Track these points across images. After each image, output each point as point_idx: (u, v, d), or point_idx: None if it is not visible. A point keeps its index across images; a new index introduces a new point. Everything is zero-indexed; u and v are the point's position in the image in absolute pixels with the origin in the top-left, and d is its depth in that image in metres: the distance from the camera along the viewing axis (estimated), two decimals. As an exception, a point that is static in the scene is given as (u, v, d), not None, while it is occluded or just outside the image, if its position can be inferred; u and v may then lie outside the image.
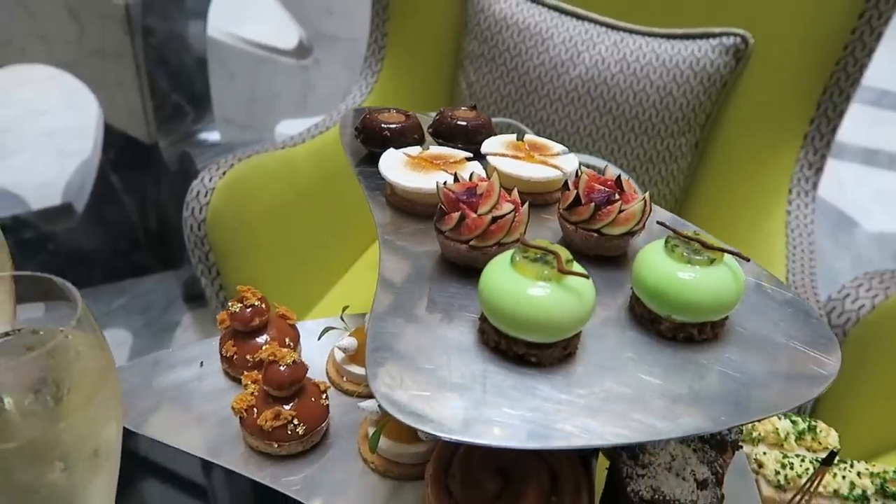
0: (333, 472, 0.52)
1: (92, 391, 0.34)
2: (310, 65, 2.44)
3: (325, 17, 2.40)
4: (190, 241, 1.10)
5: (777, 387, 0.40)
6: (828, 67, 1.17)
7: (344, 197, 1.31)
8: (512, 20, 1.35)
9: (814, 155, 1.22)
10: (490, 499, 0.42)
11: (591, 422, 0.37)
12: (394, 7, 1.45)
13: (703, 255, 0.42)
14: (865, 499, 0.55)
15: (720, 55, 1.26)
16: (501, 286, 0.39)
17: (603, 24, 1.33)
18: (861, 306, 0.94)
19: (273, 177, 1.20)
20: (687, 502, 0.41)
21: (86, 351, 0.34)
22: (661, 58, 1.28)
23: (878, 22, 1.11)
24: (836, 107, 1.19)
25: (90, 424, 0.34)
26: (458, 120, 0.61)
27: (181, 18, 1.87)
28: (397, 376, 0.38)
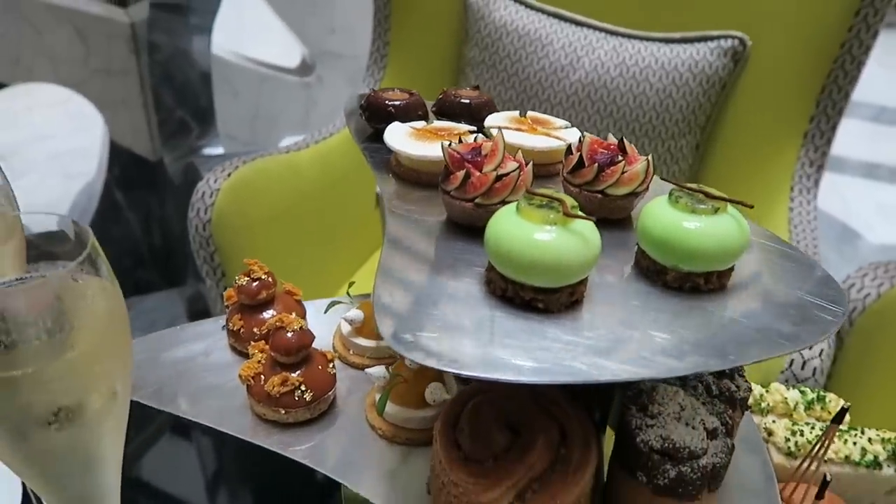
0: (341, 440, 0.51)
1: (101, 328, 0.34)
2: (312, 82, 2.46)
3: (327, 34, 2.43)
4: (195, 241, 1.11)
5: (786, 329, 0.40)
6: (826, 66, 1.18)
7: (348, 203, 1.32)
8: (512, 27, 1.37)
9: (814, 153, 1.23)
10: (499, 451, 0.42)
11: (601, 360, 0.37)
12: (395, 17, 1.48)
13: (707, 205, 0.42)
14: (877, 464, 0.55)
15: (718, 57, 1.27)
16: (508, 231, 0.39)
17: (602, 30, 1.35)
18: (867, 295, 0.94)
19: (277, 180, 1.21)
20: (697, 450, 0.41)
21: (94, 290, 0.34)
22: (659, 61, 1.29)
23: (874, 19, 1.12)
24: (835, 104, 1.20)
25: (99, 361, 0.34)
26: (461, 98, 0.62)
27: (186, 34, 1.90)
28: (405, 320, 0.38)
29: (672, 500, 0.43)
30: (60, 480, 0.36)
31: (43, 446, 0.33)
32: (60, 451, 0.34)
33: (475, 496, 0.41)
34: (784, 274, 0.46)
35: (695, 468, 0.41)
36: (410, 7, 1.44)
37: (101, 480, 0.38)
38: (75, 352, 0.32)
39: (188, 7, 1.84)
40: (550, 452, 0.42)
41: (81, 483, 0.37)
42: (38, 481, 0.36)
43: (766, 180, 1.25)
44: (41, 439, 0.33)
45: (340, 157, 1.33)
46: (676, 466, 0.41)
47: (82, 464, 0.36)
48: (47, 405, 0.32)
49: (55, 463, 0.35)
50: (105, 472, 0.38)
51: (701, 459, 0.41)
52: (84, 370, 0.33)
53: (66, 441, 0.34)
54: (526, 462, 0.41)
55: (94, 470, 0.37)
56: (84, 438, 0.35)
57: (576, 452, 0.42)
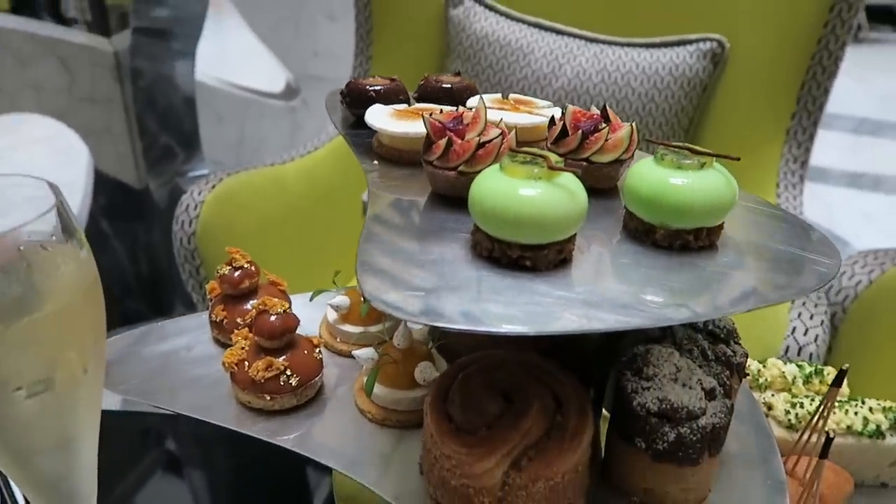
0: (330, 426, 0.50)
1: (68, 292, 0.33)
2: (297, 105, 2.47)
3: (311, 58, 2.44)
4: (180, 255, 1.09)
5: (780, 280, 0.39)
6: (804, 62, 1.19)
7: (335, 214, 1.31)
8: (493, 37, 1.38)
9: (798, 148, 1.24)
10: (491, 419, 0.41)
11: (593, 311, 0.36)
12: (377, 33, 1.48)
13: (693, 160, 0.41)
14: (880, 433, 0.53)
15: (698, 60, 1.28)
16: (492, 189, 0.39)
17: (582, 38, 1.36)
18: (858, 282, 0.93)
19: (263, 192, 1.20)
20: (696, 409, 0.40)
21: (64, 256, 0.33)
22: (640, 66, 1.30)
23: (847, 14, 1.14)
24: (815, 100, 1.21)
25: (67, 327, 0.32)
26: (443, 83, 0.61)
27: (169, 60, 1.90)
28: (389, 280, 0.37)
29: (673, 466, 0.41)
30: (33, 459, 0.34)
31: (12, 414, 0.31)
32: (31, 422, 0.33)
33: (468, 467, 0.40)
34: (776, 232, 0.45)
35: (694, 429, 0.40)
36: (392, 22, 1.45)
37: (75, 462, 0.36)
38: (40, 314, 0.31)
39: (171, 32, 1.84)
40: (545, 419, 0.41)
41: (55, 463, 0.35)
42: (10, 460, 0.34)
43: (751, 178, 1.25)
44: (9, 406, 0.31)
45: (326, 169, 1.33)
46: (675, 428, 0.40)
47: (55, 439, 0.34)
48: (12, 368, 0.30)
49: (27, 437, 0.33)
50: (79, 453, 0.36)
51: (700, 420, 0.40)
52: (49, 334, 0.31)
53: (37, 411, 0.32)
54: (520, 429, 0.40)
55: (68, 448, 0.35)
56: (55, 410, 0.33)
57: (572, 419, 0.41)
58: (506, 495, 0.40)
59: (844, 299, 0.94)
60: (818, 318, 0.86)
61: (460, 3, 1.39)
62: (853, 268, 0.96)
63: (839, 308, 0.94)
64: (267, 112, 2.45)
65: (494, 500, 0.40)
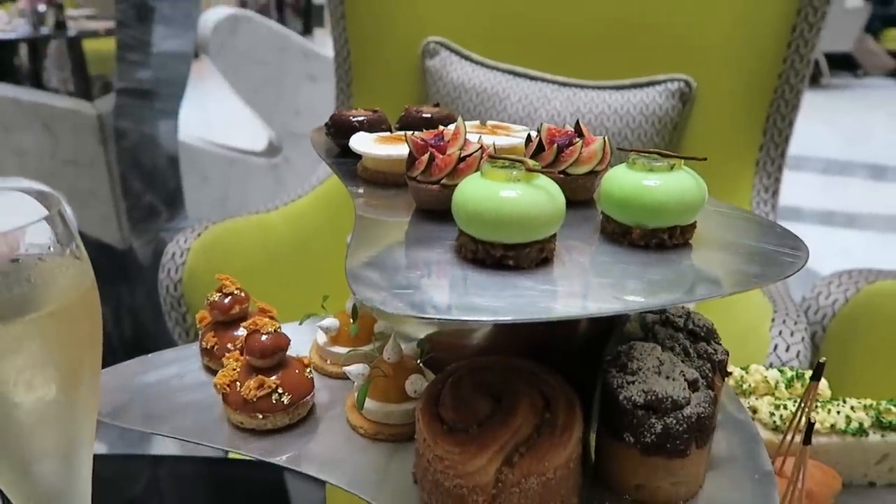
0: (323, 443, 0.50)
1: (65, 299, 0.34)
2: (280, 162, 2.51)
3: (292, 116, 2.50)
4: (166, 302, 1.09)
5: (752, 270, 0.41)
6: (767, 96, 1.24)
7: (321, 259, 1.32)
8: (469, 85, 1.43)
9: (768, 179, 1.28)
10: (482, 418, 0.41)
11: (575, 300, 0.37)
12: (356, 85, 1.53)
13: (663, 162, 0.44)
14: (863, 431, 0.55)
15: (667, 99, 1.34)
16: (474, 193, 0.40)
17: (555, 83, 1.41)
18: (835, 301, 0.96)
19: (248, 239, 1.21)
20: (680, 399, 0.41)
21: (62, 265, 0.34)
22: (612, 107, 1.35)
23: (805, 49, 1.20)
24: (780, 132, 1.26)
25: (63, 330, 0.33)
26: (423, 113, 0.64)
27: (153, 120, 1.93)
28: (378, 280, 0.39)
29: (662, 459, 0.42)
30: (31, 467, 0.35)
31: (12, 417, 0.32)
32: (31, 426, 0.33)
33: (461, 466, 0.40)
34: (746, 231, 0.47)
35: (679, 419, 0.41)
36: (371, 73, 1.50)
37: (72, 473, 0.36)
38: (39, 313, 0.32)
39: (154, 93, 1.88)
40: (535, 416, 0.42)
41: (52, 473, 0.35)
42: (8, 468, 0.34)
43: (726, 210, 1.29)
44: (9, 409, 0.32)
45: (310, 216, 1.35)
46: (661, 419, 0.41)
47: (53, 445, 0.35)
48: (12, 368, 0.31)
49: (26, 442, 0.33)
50: (76, 463, 0.36)
51: (685, 410, 0.41)
52: (49, 335, 0.32)
53: (36, 415, 0.33)
54: (510, 426, 0.41)
55: (66, 458, 0.36)
56: (54, 414, 0.34)
57: (560, 415, 0.42)
58: (499, 493, 0.40)
59: (823, 318, 0.96)
60: (798, 335, 0.88)
61: (436, 53, 1.44)
62: (829, 288, 0.98)
63: (819, 327, 0.96)
64: (250, 170, 2.49)
65: (488, 499, 0.40)
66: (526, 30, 1.42)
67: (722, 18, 1.27)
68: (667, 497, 0.43)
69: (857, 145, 4.88)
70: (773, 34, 1.21)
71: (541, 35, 1.41)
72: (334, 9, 1.47)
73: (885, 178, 4.41)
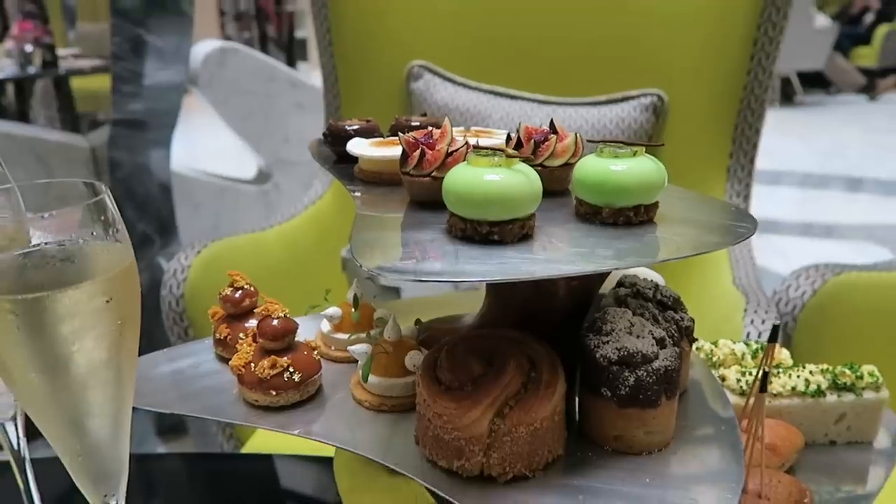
0: (332, 416, 0.55)
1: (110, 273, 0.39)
2: (270, 189, 2.56)
3: (282, 144, 2.56)
4: (168, 318, 1.14)
5: (710, 239, 0.47)
6: (735, 107, 1.32)
7: (315, 274, 1.37)
8: (453, 105, 1.49)
9: (739, 185, 1.35)
10: (475, 378, 0.47)
11: (553, 264, 0.43)
12: (345, 111, 1.59)
13: (627, 149, 0.50)
14: (821, 392, 0.60)
15: (641, 113, 1.41)
16: (462, 177, 0.46)
17: (534, 101, 1.48)
18: (803, 293, 1.02)
19: (245, 256, 1.26)
20: (649, 353, 0.46)
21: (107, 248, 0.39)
22: (589, 122, 1.42)
23: (767, 62, 1.28)
24: (749, 140, 1.33)
25: (110, 301, 0.38)
26: (412, 121, 0.70)
27: (146, 150, 1.99)
28: (380, 255, 0.44)
29: (635, 410, 0.47)
30: (85, 422, 0.39)
31: (67, 373, 0.37)
32: (81, 383, 0.38)
33: (459, 420, 0.45)
34: (704, 210, 0.53)
35: (649, 371, 0.46)
36: (358, 97, 1.56)
37: (117, 429, 0.41)
38: (87, 283, 0.37)
39: (147, 124, 1.94)
40: (522, 375, 0.47)
41: (100, 430, 0.40)
42: (64, 423, 0.39)
43: (701, 215, 1.35)
44: (65, 366, 0.37)
45: (304, 233, 1.40)
46: (634, 372, 0.47)
47: (101, 404, 0.39)
48: (66, 331, 0.36)
49: (78, 399, 0.38)
50: (120, 421, 0.41)
51: (654, 363, 0.47)
52: (95, 302, 0.37)
53: (87, 374, 0.38)
54: (501, 383, 0.46)
55: (113, 415, 0.40)
56: (102, 374, 0.38)
57: (544, 374, 0.47)
58: (493, 442, 0.45)
59: (793, 309, 1.02)
60: (769, 323, 0.93)
61: (420, 76, 1.51)
62: (798, 281, 1.04)
63: (790, 317, 1.02)
64: (241, 197, 2.54)
65: (483, 447, 0.45)
66: (505, 51, 1.49)
67: (691, 37, 1.35)
68: (642, 446, 0.49)
69: (833, 159, 5.01)
70: (737, 49, 1.29)
71: (520, 56, 1.49)
72: (322, 37, 1.54)
73: (859, 190, 4.52)
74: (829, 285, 1.03)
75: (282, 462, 0.85)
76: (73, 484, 0.43)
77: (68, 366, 0.37)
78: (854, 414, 0.61)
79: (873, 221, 3.92)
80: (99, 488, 0.42)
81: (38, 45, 4.14)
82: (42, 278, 0.37)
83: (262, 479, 0.83)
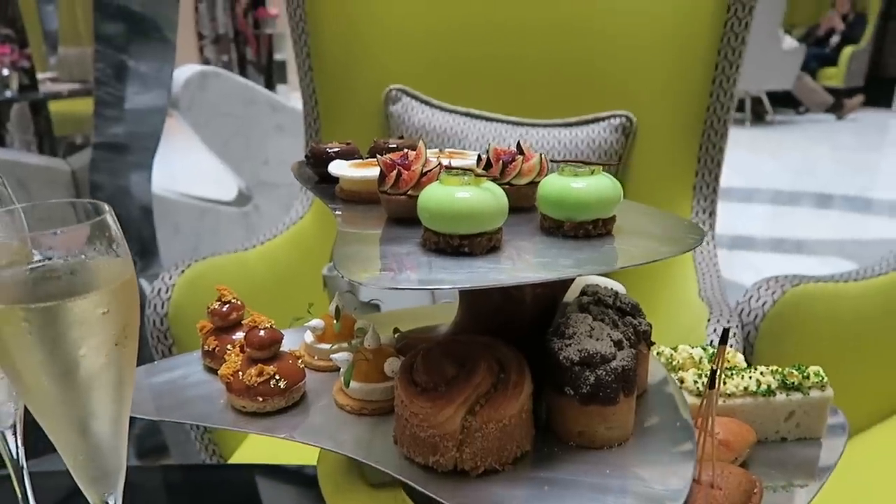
0: (316, 420, 0.58)
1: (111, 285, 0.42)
2: (251, 211, 2.59)
3: (262, 166, 2.59)
4: (153, 337, 1.16)
5: (662, 248, 0.52)
6: (699, 126, 1.38)
7: (296, 293, 1.40)
8: (430, 127, 1.54)
9: (704, 201, 1.41)
10: (448, 379, 0.51)
11: (519, 272, 0.47)
12: (325, 134, 1.64)
13: (585, 168, 0.54)
14: (771, 392, 0.65)
15: (611, 133, 1.47)
16: (435, 195, 0.50)
17: (508, 122, 1.53)
18: (764, 303, 1.07)
19: (228, 275, 1.29)
20: (608, 354, 0.51)
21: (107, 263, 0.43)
22: (562, 142, 1.48)
23: (727, 84, 1.34)
24: (713, 158, 1.39)
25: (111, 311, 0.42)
26: (389, 143, 0.74)
27: (127, 173, 2.01)
28: (361, 266, 0.48)
29: (596, 406, 0.51)
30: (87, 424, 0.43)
31: (74, 377, 0.40)
32: (87, 386, 0.41)
33: (433, 418, 0.49)
34: (658, 223, 0.58)
35: (608, 371, 0.51)
36: (337, 120, 1.61)
37: (117, 430, 0.44)
38: (91, 295, 0.40)
39: (128, 147, 1.96)
40: (492, 376, 0.51)
41: (103, 431, 0.43)
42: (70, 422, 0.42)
43: (669, 231, 1.41)
44: (73, 370, 0.40)
45: (286, 253, 1.43)
46: (594, 371, 0.51)
47: (104, 406, 0.43)
48: (73, 337, 0.40)
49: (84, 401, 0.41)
50: (120, 423, 0.44)
51: (612, 363, 0.51)
52: (98, 312, 0.41)
53: (92, 377, 0.41)
54: (472, 383, 0.50)
55: (114, 417, 0.44)
56: (105, 377, 0.42)
57: (513, 375, 0.51)
58: (465, 437, 0.49)
59: (755, 318, 1.07)
60: (731, 331, 0.98)
61: (398, 100, 1.56)
62: (759, 292, 1.10)
63: (752, 327, 1.07)
64: (222, 219, 2.57)
65: (456, 443, 0.49)
66: (481, 75, 1.55)
67: (656, 62, 1.41)
68: (603, 441, 0.53)
69: (803, 176, 5.15)
70: (699, 73, 1.36)
71: (495, 80, 1.54)
72: (302, 62, 1.58)
73: (829, 206, 4.65)
74: (789, 295, 1.08)
75: (265, 473, 0.87)
76: (69, 494, 0.46)
77: (75, 369, 0.40)
78: (802, 412, 0.65)
79: (842, 237, 4.03)
80: (98, 487, 0.46)
81: (14, 68, 4.14)
82: (51, 290, 0.40)
83: (244, 491, 0.86)
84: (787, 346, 1.07)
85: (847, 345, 1.15)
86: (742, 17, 1.30)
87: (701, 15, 1.35)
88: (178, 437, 1.70)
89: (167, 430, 1.80)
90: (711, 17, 1.33)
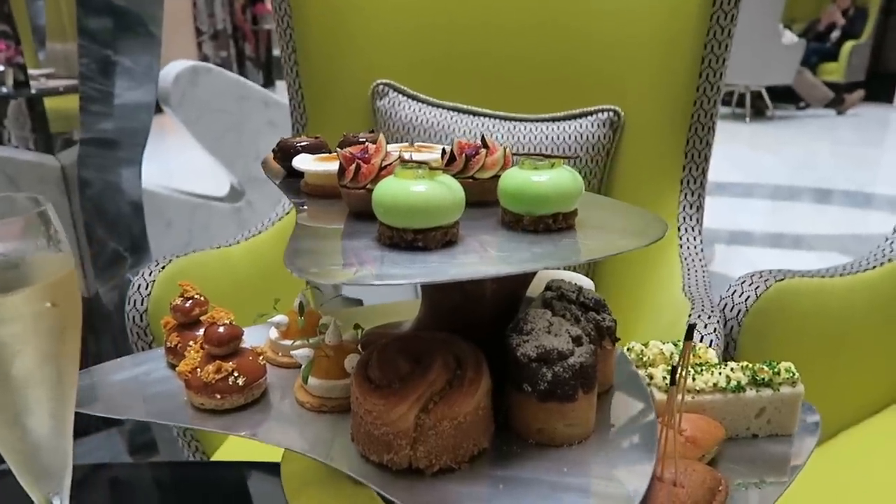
0: (275, 418, 0.58)
1: (56, 276, 0.41)
2: (243, 206, 2.58)
3: (253, 162, 2.58)
4: (133, 333, 1.15)
5: (624, 241, 0.51)
6: (686, 121, 1.37)
7: (279, 289, 1.39)
8: (417, 122, 1.53)
9: (692, 196, 1.40)
10: (403, 375, 0.50)
11: (474, 267, 0.46)
12: (311, 128, 1.63)
13: (545, 161, 0.53)
14: (741, 388, 0.64)
15: (599, 128, 1.46)
16: (390, 188, 0.49)
17: (496, 117, 1.52)
18: (748, 298, 1.06)
19: (212, 271, 1.28)
20: (565, 351, 0.50)
21: (48, 260, 0.42)
22: (549, 137, 1.46)
23: (714, 78, 1.33)
24: (700, 153, 1.38)
25: (52, 301, 0.41)
26: (359, 137, 0.73)
27: (116, 168, 2.00)
28: (314, 262, 0.47)
29: (555, 404, 0.51)
30: (23, 420, 0.42)
31: (8, 372, 0.39)
32: (23, 381, 0.40)
33: (386, 415, 0.48)
34: (620, 216, 0.57)
35: (566, 367, 0.50)
36: (324, 115, 1.60)
37: (57, 427, 0.44)
38: (28, 289, 0.39)
39: (118, 142, 1.96)
40: (448, 372, 0.50)
41: (41, 427, 0.43)
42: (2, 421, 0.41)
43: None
44: (7, 365, 0.39)
45: (271, 249, 1.42)
46: (551, 368, 0.50)
47: (42, 402, 0.42)
48: (6, 333, 0.39)
49: (19, 396, 0.41)
50: (61, 420, 0.44)
51: (569, 359, 0.50)
52: (36, 306, 0.40)
53: (29, 373, 0.40)
54: (426, 380, 0.49)
55: (53, 413, 0.43)
56: (42, 373, 0.41)
57: (469, 372, 0.50)
58: (419, 436, 0.48)
59: (738, 314, 1.06)
60: (711, 327, 0.97)
61: (385, 95, 1.55)
62: (742, 286, 1.09)
63: (735, 322, 1.06)
64: (214, 214, 2.56)
65: (410, 441, 0.48)
66: (468, 70, 1.53)
67: (643, 57, 1.40)
68: (563, 438, 0.52)
69: (803, 171, 5.13)
70: (686, 65, 1.34)
71: (482, 74, 1.53)
72: (287, 56, 1.57)
73: (828, 202, 4.63)
74: (773, 290, 1.07)
75: (245, 470, 0.87)
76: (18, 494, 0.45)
77: (10, 365, 0.40)
78: (773, 408, 0.64)
79: (842, 232, 4.01)
80: (42, 486, 0.45)
81: (10, 65, 4.13)
82: (-15, 284, 0.39)
83: (224, 488, 0.85)
84: (770, 342, 1.06)
85: (833, 340, 1.14)
86: (728, 10, 1.29)
87: (687, 8, 1.33)
88: (167, 434, 1.70)
89: (156, 427, 1.80)
90: (698, 9, 1.32)
